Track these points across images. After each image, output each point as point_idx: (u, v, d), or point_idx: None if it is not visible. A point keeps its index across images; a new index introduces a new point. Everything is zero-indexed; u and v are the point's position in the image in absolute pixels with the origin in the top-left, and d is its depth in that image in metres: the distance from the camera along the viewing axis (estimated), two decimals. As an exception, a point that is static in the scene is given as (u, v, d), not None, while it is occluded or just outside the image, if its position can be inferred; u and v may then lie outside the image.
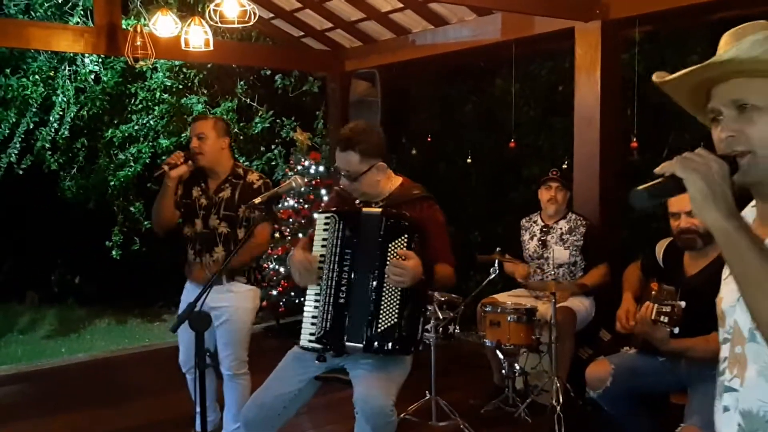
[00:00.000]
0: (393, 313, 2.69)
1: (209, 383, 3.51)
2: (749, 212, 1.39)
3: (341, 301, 2.76)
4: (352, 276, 2.76)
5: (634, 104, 4.88)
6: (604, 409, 3.40)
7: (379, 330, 2.69)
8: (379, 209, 2.81)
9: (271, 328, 6.67)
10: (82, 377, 5.72)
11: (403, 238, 2.70)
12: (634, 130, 4.89)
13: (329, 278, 2.78)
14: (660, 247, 3.50)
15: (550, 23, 4.92)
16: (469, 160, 6.39)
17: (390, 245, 2.70)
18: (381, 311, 2.69)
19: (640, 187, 1.25)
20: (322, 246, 2.83)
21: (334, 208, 2.93)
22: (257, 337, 6.48)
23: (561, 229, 4.63)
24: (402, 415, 4.10)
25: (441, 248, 2.89)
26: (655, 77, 1.37)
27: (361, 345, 2.71)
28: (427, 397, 4.20)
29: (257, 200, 3.08)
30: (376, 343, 2.69)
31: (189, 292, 3.70)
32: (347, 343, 2.74)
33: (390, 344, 2.70)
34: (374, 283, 2.70)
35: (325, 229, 2.84)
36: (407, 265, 2.63)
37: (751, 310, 1.16)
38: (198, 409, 2.54)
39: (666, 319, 2.96)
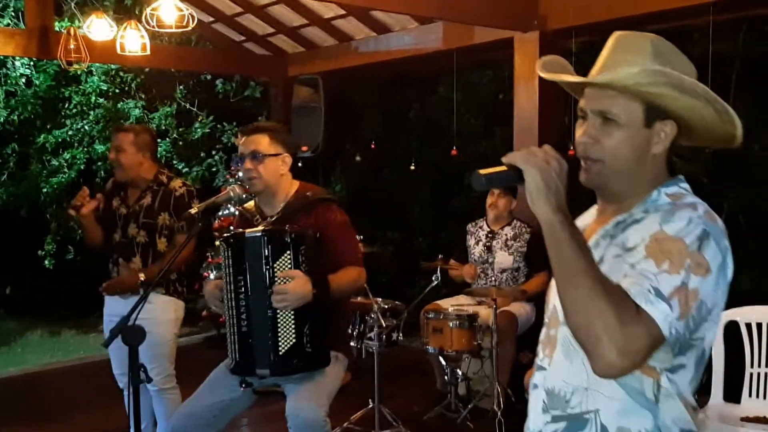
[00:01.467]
0: (290, 333, 2.61)
1: (145, 400, 3.39)
2: (593, 212, 1.53)
3: (244, 329, 2.67)
4: (249, 302, 2.65)
5: (572, 113, 4.98)
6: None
7: (280, 352, 2.61)
8: (261, 229, 2.71)
9: (212, 338, 6.55)
10: (13, 393, 5.48)
11: (287, 255, 2.60)
12: (571, 138, 4.99)
13: (230, 307, 2.68)
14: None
15: (489, 33, 5.00)
16: (413, 167, 6.41)
17: (276, 265, 2.60)
18: (279, 334, 2.60)
19: (481, 171, 1.32)
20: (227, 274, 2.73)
21: (225, 235, 2.82)
22: (197, 348, 6.43)
23: (506, 235, 4.70)
24: (344, 425, 4.08)
25: (343, 250, 2.81)
26: (540, 71, 1.44)
27: (268, 371, 2.65)
28: (370, 406, 4.17)
29: (193, 210, 3.00)
30: (280, 366, 2.63)
31: (110, 304, 3.61)
32: (258, 370, 2.67)
33: (294, 364, 2.63)
34: (268, 306, 2.60)
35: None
36: (287, 288, 2.56)
37: (560, 298, 1.26)
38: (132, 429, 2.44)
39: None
